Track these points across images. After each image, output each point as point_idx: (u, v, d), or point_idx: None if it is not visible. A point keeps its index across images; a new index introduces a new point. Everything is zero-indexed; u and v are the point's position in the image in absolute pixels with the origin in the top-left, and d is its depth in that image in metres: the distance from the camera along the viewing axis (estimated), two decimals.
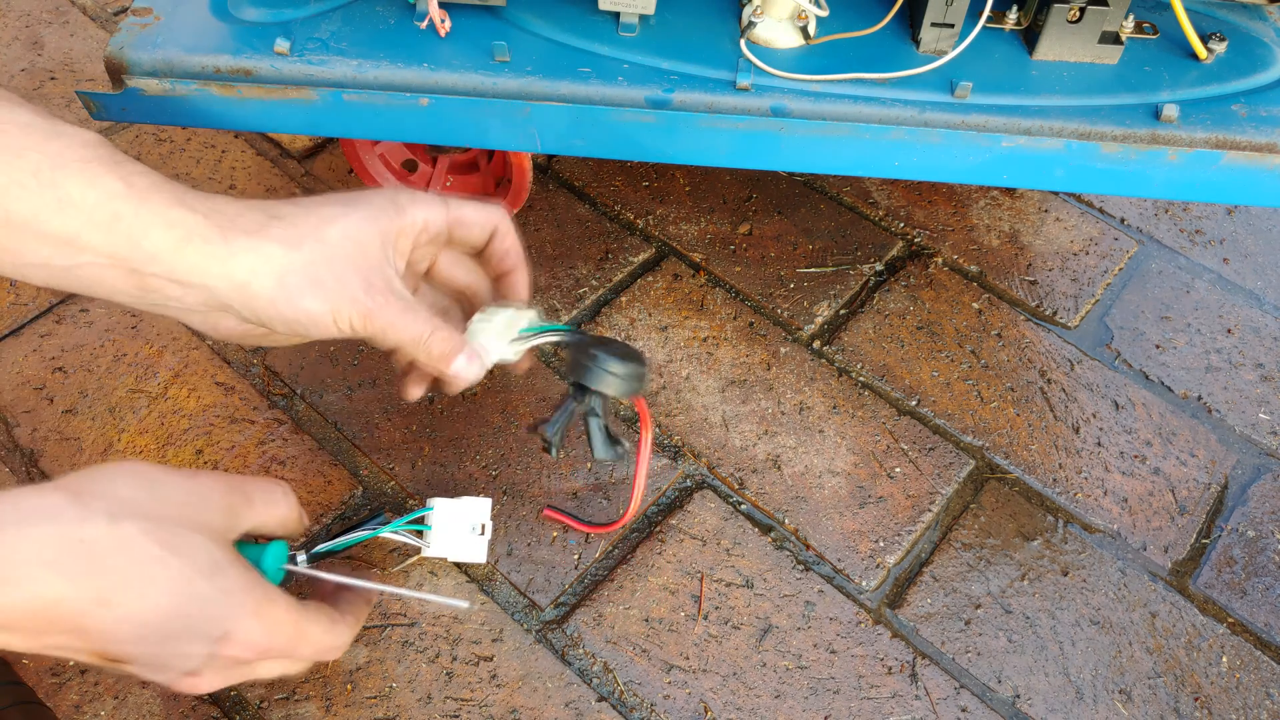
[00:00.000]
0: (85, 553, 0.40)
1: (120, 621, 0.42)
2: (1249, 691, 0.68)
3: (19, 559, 0.40)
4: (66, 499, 0.41)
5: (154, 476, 0.45)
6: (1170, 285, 0.92)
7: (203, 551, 0.44)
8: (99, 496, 0.42)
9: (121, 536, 0.41)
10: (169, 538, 0.43)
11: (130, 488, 0.43)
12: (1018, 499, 0.77)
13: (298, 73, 0.65)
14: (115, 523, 0.41)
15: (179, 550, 0.43)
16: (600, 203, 0.93)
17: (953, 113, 0.66)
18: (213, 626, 0.44)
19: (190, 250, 0.48)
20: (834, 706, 0.66)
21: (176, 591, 0.43)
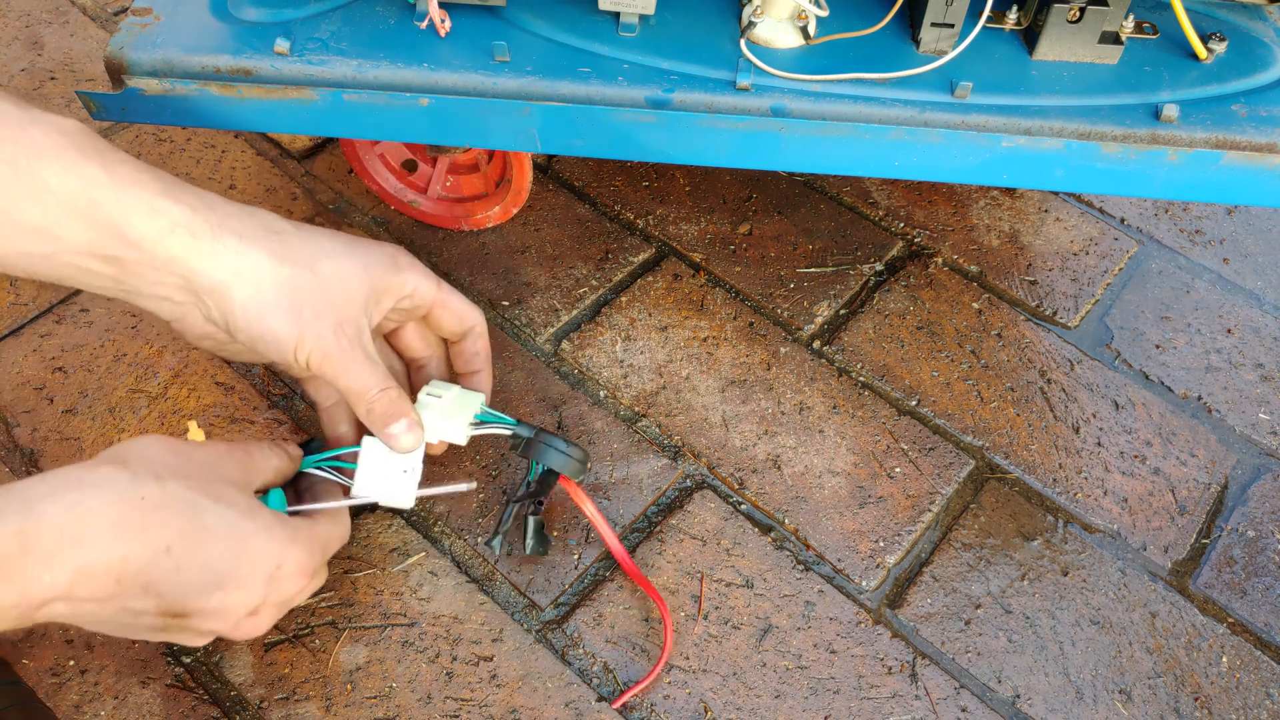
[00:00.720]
0: (143, 510, 0.43)
1: (184, 569, 0.45)
2: (1249, 691, 0.68)
3: (85, 524, 0.43)
4: (115, 468, 0.45)
5: (178, 445, 0.48)
6: (1170, 285, 0.92)
7: (240, 498, 0.48)
8: (143, 462, 0.46)
9: (171, 492, 0.44)
10: (211, 489, 0.47)
11: (164, 454, 0.47)
12: (1018, 499, 0.77)
13: (298, 73, 0.65)
14: (162, 482, 0.45)
15: (221, 498, 0.47)
16: (600, 203, 0.93)
17: (953, 113, 0.66)
18: (266, 561, 0.49)
19: (174, 240, 0.47)
20: (834, 706, 0.66)
21: (229, 534, 0.46)
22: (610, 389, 0.80)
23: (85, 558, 0.41)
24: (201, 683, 0.65)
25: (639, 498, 0.75)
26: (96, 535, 0.42)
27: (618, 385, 0.81)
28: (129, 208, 0.46)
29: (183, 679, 0.65)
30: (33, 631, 0.66)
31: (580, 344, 0.83)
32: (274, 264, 0.49)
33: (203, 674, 0.65)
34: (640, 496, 0.75)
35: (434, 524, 0.72)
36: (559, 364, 0.82)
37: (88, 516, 0.42)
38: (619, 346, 0.83)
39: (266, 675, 0.65)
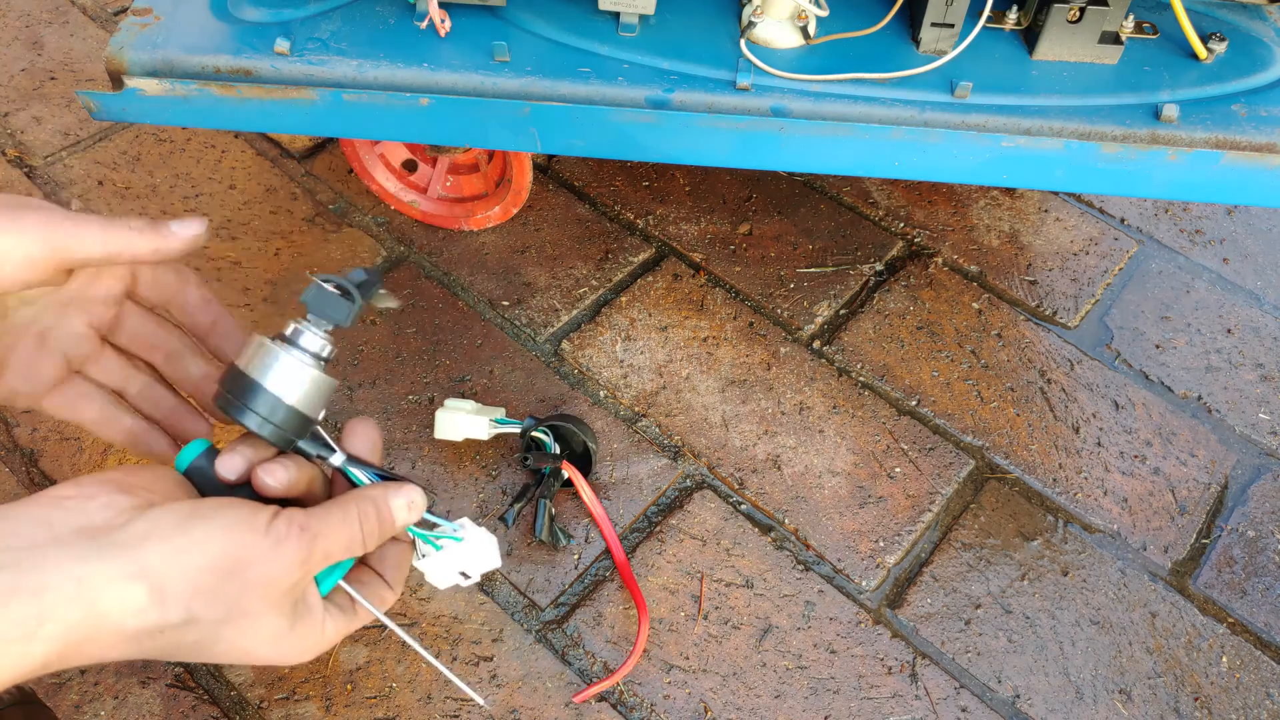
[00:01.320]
0: (163, 639, 0.41)
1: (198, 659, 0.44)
2: (1249, 691, 0.68)
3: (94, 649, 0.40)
4: (149, 596, 0.40)
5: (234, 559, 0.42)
6: (1170, 285, 0.92)
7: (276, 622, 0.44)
8: (179, 587, 0.41)
9: (195, 625, 0.42)
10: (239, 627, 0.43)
11: (208, 576, 0.42)
12: (1018, 499, 0.77)
13: (298, 73, 0.65)
14: (192, 617, 0.42)
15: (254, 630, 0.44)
16: (600, 203, 0.93)
17: (953, 113, 0.66)
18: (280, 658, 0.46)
19: None
20: (834, 706, 0.66)
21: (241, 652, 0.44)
22: (610, 389, 0.80)
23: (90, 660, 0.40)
24: (201, 683, 0.65)
25: (639, 498, 0.75)
26: (106, 654, 0.41)
27: (618, 385, 0.81)
28: None
29: (183, 679, 0.65)
30: None
31: (580, 344, 0.83)
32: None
33: (203, 674, 0.65)
34: (640, 496, 0.75)
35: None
36: (559, 364, 0.82)
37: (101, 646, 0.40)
38: (619, 346, 0.83)
39: (266, 675, 0.65)
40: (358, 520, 0.46)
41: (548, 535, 0.70)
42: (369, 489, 0.47)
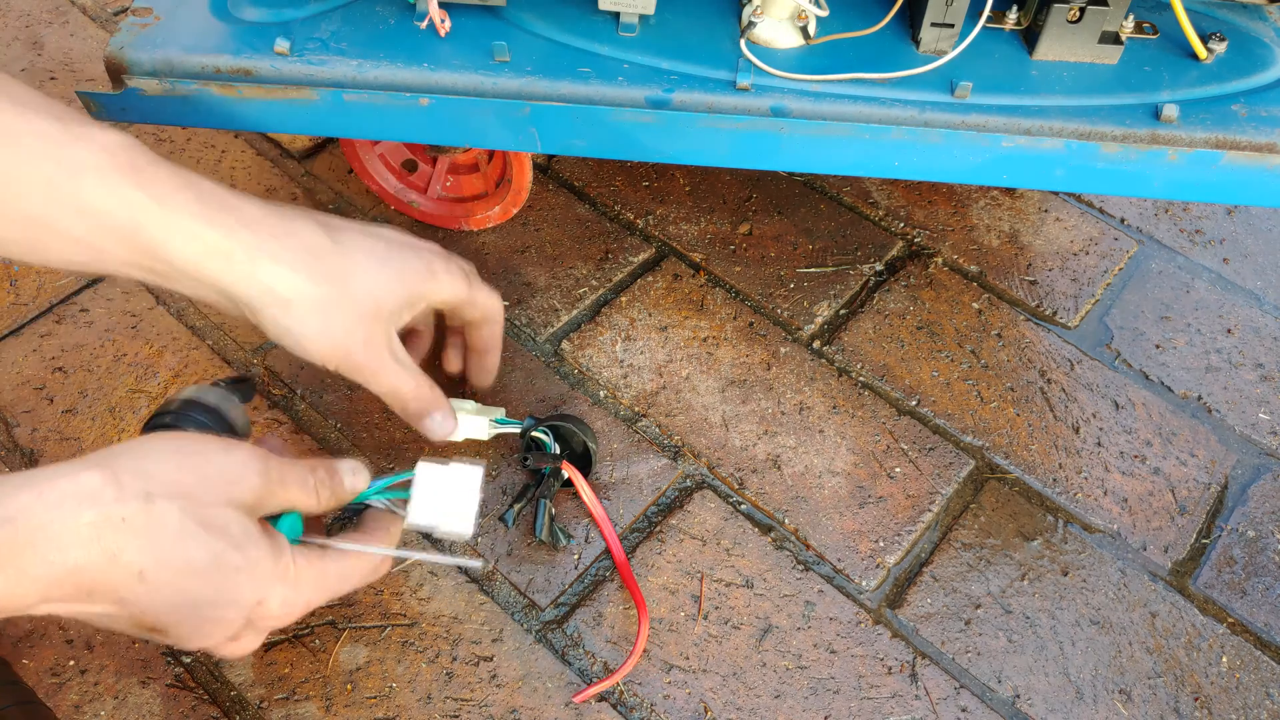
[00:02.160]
0: (122, 531, 0.42)
1: (157, 593, 0.43)
2: (1249, 691, 0.68)
3: (60, 538, 0.41)
4: (103, 478, 0.42)
5: (192, 451, 0.46)
6: (1170, 285, 0.92)
7: (235, 525, 0.45)
8: (135, 475, 0.43)
9: (156, 514, 0.42)
10: (202, 513, 0.44)
11: (167, 465, 0.44)
12: (1018, 499, 0.77)
13: (298, 73, 0.65)
14: (150, 501, 0.42)
15: (211, 525, 0.44)
16: (600, 203, 0.93)
17: (953, 113, 0.66)
18: (247, 595, 0.47)
19: (210, 264, 0.50)
20: (834, 706, 0.66)
21: (210, 565, 0.44)
22: (610, 389, 0.80)
23: (55, 570, 0.40)
24: (201, 683, 0.65)
25: (639, 498, 0.75)
26: (70, 551, 0.40)
27: (618, 385, 0.81)
28: (168, 233, 0.48)
29: (183, 679, 0.65)
30: (33, 631, 0.66)
31: (580, 344, 0.83)
32: (306, 284, 0.52)
33: (203, 674, 0.65)
34: (640, 496, 0.75)
35: None
36: (559, 364, 0.82)
37: (62, 531, 0.40)
38: (619, 346, 0.83)
39: (266, 675, 0.65)
40: (309, 470, 0.51)
41: (547, 535, 0.70)
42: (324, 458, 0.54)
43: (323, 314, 0.52)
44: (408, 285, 0.56)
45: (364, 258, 0.54)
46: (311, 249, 0.52)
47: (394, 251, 0.56)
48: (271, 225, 0.51)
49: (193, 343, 0.81)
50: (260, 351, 0.81)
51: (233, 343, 0.81)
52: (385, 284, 0.55)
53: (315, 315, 0.52)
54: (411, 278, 0.56)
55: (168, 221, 0.48)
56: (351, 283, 0.53)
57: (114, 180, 0.47)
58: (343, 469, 0.54)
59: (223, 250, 0.50)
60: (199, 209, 0.49)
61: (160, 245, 0.48)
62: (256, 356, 0.81)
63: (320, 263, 0.52)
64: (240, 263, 0.50)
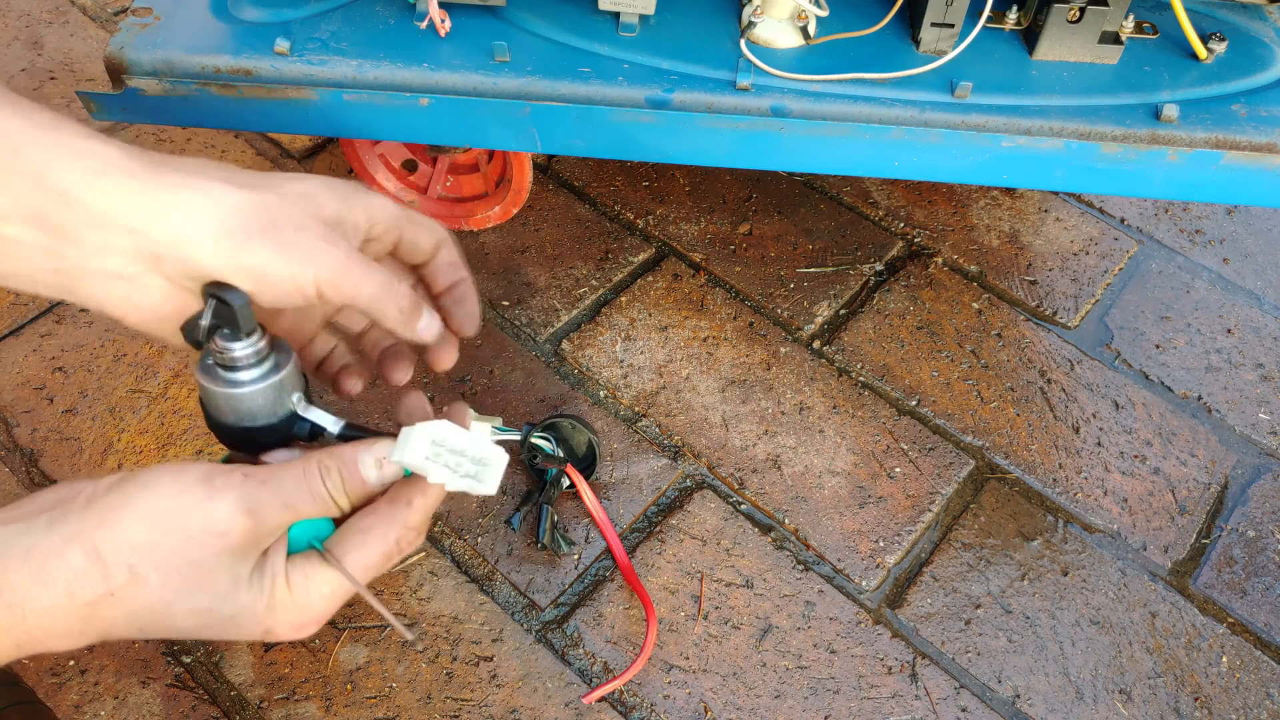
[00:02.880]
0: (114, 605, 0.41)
1: (165, 636, 0.43)
2: (1249, 691, 0.68)
3: (55, 621, 0.41)
4: (85, 558, 0.41)
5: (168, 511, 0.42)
6: (1170, 285, 0.92)
7: (223, 577, 0.43)
8: (115, 549, 0.41)
9: (141, 583, 0.42)
10: (188, 579, 0.43)
11: (145, 532, 0.42)
12: (1018, 499, 0.77)
13: (298, 73, 0.65)
14: (135, 573, 0.41)
15: (200, 586, 0.43)
16: (600, 203, 0.93)
17: (953, 113, 0.66)
18: (248, 633, 0.45)
19: (107, 184, 0.41)
20: (834, 706, 0.66)
21: (203, 618, 0.44)
22: (610, 389, 0.80)
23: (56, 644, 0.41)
24: (201, 683, 0.65)
25: (639, 498, 0.75)
26: (65, 629, 0.41)
27: (618, 385, 0.81)
28: (51, 152, 0.40)
29: (183, 679, 0.65)
30: None
31: (580, 344, 0.83)
32: (232, 189, 0.42)
33: (203, 674, 0.65)
34: (640, 496, 0.75)
35: (434, 524, 0.72)
36: (559, 364, 0.82)
37: (64, 612, 0.40)
38: (619, 346, 0.83)
39: (266, 675, 0.65)
40: (317, 473, 0.44)
41: (550, 541, 0.71)
42: (335, 447, 0.46)
43: (260, 218, 0.43)
44: (339, 192, 0.46)
45: (283, 174, 0.46)
46: (221, 165, 0.45)
47: (312, 175, 0.48)
48: (171, 155, 0.44)
49: None
50: None
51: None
52: (317, 189, 0.45)
53: (252, 220, 0.42)
54: (340, 189, 0.47)
55: (51, 141, 0.41)
56: (280, 186, 0.44)
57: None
58: (364, 463, 0.46)
59: (120, 165, 0.41)
60: (85, 132, 0.41)
61: (43, 169, 0.40)
62: None
63: (235, 173, 0.44)
64: (141, 178, 0.42)
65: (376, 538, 0.47)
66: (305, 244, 0.43)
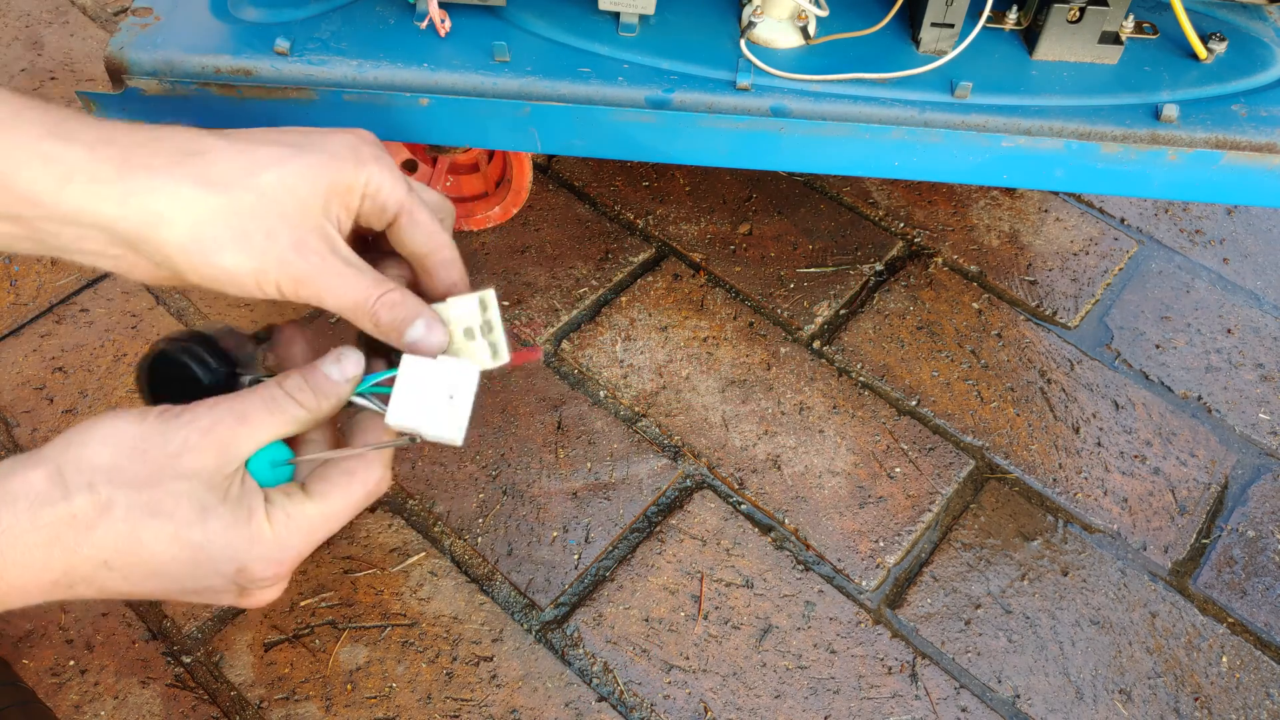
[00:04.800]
0: (74, 529, 0.40)
1: (130, 577, 0.41)
2: (1249, 691, 0.68)
3: (24, 540, 0.39)
4: (47, 477, 0.40)
5: (133, 435, 0.41)
6: (1170, 285, 0.92)
7: (186, 503, 0.41)
8: (77, 467, 0.40)
9: (105, 505, 0.40)
10: (148, 496, 0.41)
11: (108, 453, 0.41)
12: (1018, 499, 0.77)
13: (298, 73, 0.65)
14: (95, 492, 0.40)
15: (160, 510, 0.41)
16: (600, 203, 0.93)
17: (953, 113, 0.66)
18: (221, 566, 0.43)
19: (73, 190, 0.41)
20: (834, 706, 0.66)
21: (169, 546, 0.41)
22: (610, 389, 0.80)
23: (28, 572, 0.39)
24: (201, 683, 0.65)
25: (639, 498, 0.75)
26: (34, 550, 0.39)
27: (618, 385, 0.81)
28: (15, 159, 0.40)
29: (183, 679, 0.65)
30: (32, 631, 0.66)
31: (580, 344, 0.83)
32: (200, 192, 0.41)
33: (203, 674, 0.65)
34: (640, 496, 0.75)
35: (434, 524, 0.72)
36: (559, 364, 0.82)
37: (24, 532, 0.39)
38: (619, 346, 0.83)
39: (266, 675, 0.65)
40: (280, 388, 0.44)
41: None
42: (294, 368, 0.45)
43: (230, 222, 0.42)
44: (330, 174, 0.44)
45: (265, 150, 0.43)
46: (190, 150, 0.42)
47: (307, 136, 0.45)
48: (139, 132, 0.43)
49: None
50: None
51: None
52: (301, 176, 0.43)
53: (220, 226, 0.42)
54: (332, 166, 0.44)
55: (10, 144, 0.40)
56: (255, 178, 0.42)
57: None
58: (323, 363, 0.45)
59: (83, 169, 0.41)
60: (46, 127, 0.40)
61: (10, 176, 0.40)
62: None
63: (208, 164, 0.42)
64: (105, 180, 0.41)
65: (360, 480, 0.45)
66: (274, 251, 0.43)
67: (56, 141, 0.40)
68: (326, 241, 0.44)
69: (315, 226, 0.44)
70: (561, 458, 0.76)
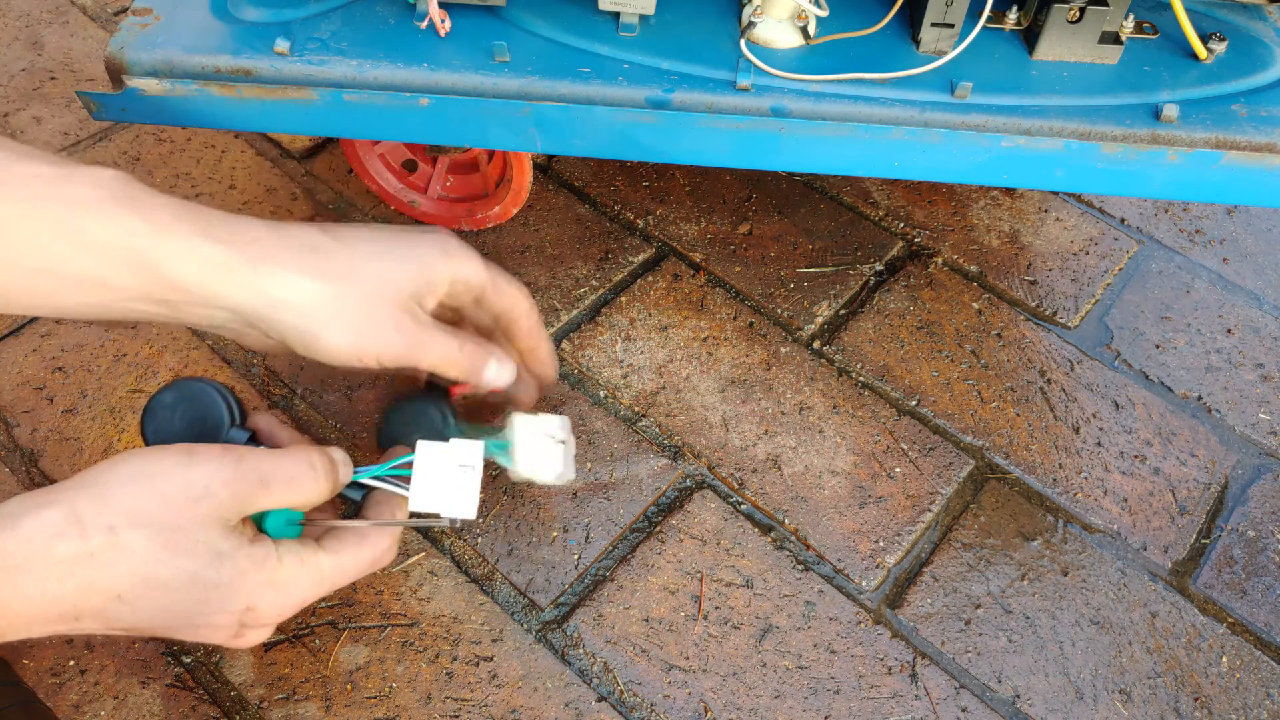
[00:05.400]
0: (93, 565, 0.42)
1: (140, 612, 0.44)
2: (1249, 691, 0.68)
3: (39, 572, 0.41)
4: (64, 518, 0.43)
5: (152, 474, 0.45)
6: (1170, 285, 0.92)
7: (204, 545, 0.45)
8: (97, 508, 0.44)
9: (122, 545, 0.43)
10: (169, 538, 0.44)
11: (127, 494, 0.44)
12: (1018, 499, 0.77)
13: (298, 73, 0.65)
14: (115, 534, 0.43)
15: (180, 550, 0.44)
16: (600, 203, 0.93)
17: (953, 113, 0.66)
18: (232, 605, 0.46)
19: (214, 279, 0.49)
20: (834, 706, 0.66)
21: (186, 585, 0.44)
22: (610, 389, 0.80)
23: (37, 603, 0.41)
24: (201, 683, 0.65)
25: (639, 498, 0.75)
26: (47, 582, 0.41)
27: (618, 385, 0.81)
28: (168, 253, 0.48)
29: (183, 679, 0.65)
30: None
31: (580, 344, 0.83)
32: (316, 283, 0.50)
33: (203, 674, 0.66)
34: (640, 496, 0.75)
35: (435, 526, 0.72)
36: (559, 364, 0.82)
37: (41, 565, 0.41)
38: (619, 346, 0.83)
39: (266, 675, 0.65)
40: (307, 464, 0.49)
41: None
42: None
43: (337, 308, 0.51)
44: (422, 264, 0.54)
45: (369, 246, 0.53)
46: (311, 246, 0.51)
47: (401, 236, 0.55)
48: (267, 234, 0.51)
49: (193, 343, 0.81)
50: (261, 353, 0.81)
51: (232, 344, 0.81)
52: (396, 266, 0.53)
53: (329, 311, 0.50)
54: (425, 256, 0.54)
55: (165, 243, 0.48)
56: (360, 271, 0.51)
57: (112, 211, 0.47)
58: (337, 456, 0.52)
59: (222, 263, 0.49)
60: (194, 228, 0.49)
61: (161, 267, 0.48)
62: (256, 356, 0.81)
63: (323, 259, 0.51)
64: (240, 273, 0.49)
65: (370, 545, 0.52)
66: (373, 331, 0.51)
67: (202, 241, 0.49)
68: (416, 319, 0.53)
69: (407, 310, 0.53)
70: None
